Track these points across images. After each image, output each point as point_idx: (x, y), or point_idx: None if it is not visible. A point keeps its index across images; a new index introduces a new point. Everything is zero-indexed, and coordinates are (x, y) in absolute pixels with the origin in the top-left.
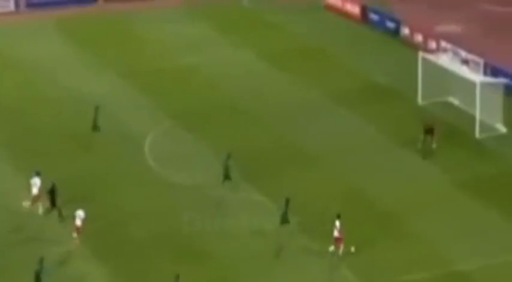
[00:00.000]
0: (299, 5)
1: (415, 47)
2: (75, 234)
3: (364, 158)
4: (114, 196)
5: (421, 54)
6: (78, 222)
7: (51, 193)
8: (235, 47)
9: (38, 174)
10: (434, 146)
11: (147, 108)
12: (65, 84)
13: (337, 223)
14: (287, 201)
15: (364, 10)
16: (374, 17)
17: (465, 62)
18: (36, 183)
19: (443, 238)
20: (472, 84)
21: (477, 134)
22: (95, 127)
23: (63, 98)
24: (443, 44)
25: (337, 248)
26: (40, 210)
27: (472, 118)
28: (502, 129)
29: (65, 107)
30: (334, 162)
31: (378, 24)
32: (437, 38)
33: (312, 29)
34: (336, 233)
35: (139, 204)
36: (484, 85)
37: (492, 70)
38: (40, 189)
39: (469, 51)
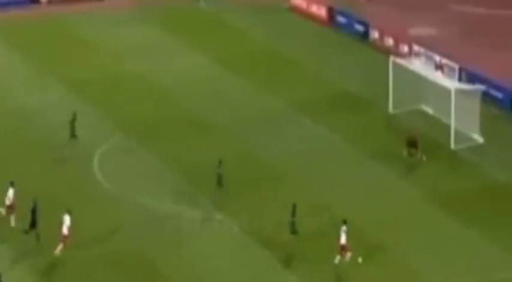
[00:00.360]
0: (261, 6)
1: (385, 52)
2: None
3: (332, 171)
4: (62, 213)
5: (392, 59)
6: (65, 230)
7: (33, 213)
8: (191, 52)
9: (12, 184)
10: (422, 157)
11: (95, 120)
12: (5, 94)
13: (344, 229)
14: (294, 208)
15: (330, 12)
16: (341, 19)
17: (439, 67)
18: (9, 194)
19: (417, 258)
20: (447, 91)
21: (452, 145)
22: (73, 135)
23: (3, 108)
24: (415, 48)
25: (342, 256)
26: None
27: (447, 128)
28: (479, 139)
29: (5, 118)
30: (301, 176)
31: (346, 27)
32: (410, 41)
33: (275, 32)
34: (342, 240)
35: (88, 222)
36: (459, 92)
37: (468, 76)
38: (12, 200)
39: (444, 55)
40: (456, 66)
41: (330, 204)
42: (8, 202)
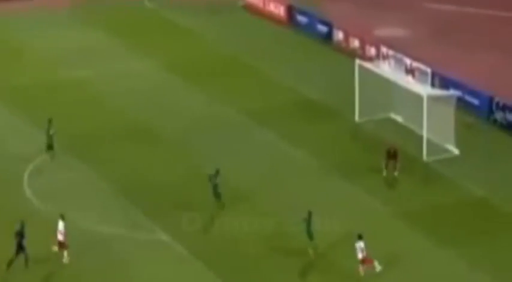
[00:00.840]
0: (213, 5)
1: (350, 54)
2: (55, 248)
3: (294, 187)
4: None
5: (357, 62)
6: (60, 236)
7: (20, 235)
8: (136, 56)
9: None
10: (396, 173)
11: (28, 132)
12: None
13: (361, 244)
14: (309, 215)
15: (290, 11)
16: (302, 19)
17: (410, 71)
18: None
19: (388, 279)
20: (418, 98)
21: (425, 157)
22: (50, 146)
23: None
24: (383, 50)
25: (364, 269)
26: None
27: (419, 138)
28: (454, 150)
29: None
30: (259, 192)
31: (307, 27)
32: (377, 43)
33: (229, 33)
34: (359, 256)
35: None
36: (432, 99)
37: (441, 81)
38: None
39: (414, 58)
40: (428, 70)
41: (294, 227)
42: None
